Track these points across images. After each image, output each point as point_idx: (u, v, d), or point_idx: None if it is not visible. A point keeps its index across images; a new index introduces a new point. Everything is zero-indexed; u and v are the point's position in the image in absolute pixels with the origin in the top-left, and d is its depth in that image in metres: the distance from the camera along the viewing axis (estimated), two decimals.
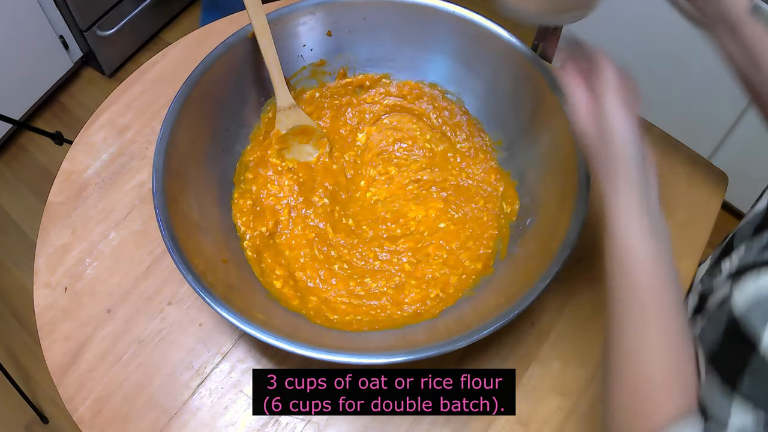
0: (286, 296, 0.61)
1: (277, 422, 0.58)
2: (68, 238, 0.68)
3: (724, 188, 0.72)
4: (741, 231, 0.51)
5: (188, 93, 0.62)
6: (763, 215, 0.49)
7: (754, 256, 0.45)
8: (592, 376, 0.60)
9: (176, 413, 0.59)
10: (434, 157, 0.71)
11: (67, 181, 0.71)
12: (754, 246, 0.46)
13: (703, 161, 0.73)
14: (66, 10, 1.51)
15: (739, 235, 0.52)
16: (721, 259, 0.53)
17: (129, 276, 0.65)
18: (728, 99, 1.18)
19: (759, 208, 0.51)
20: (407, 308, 0.61)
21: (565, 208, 0.57)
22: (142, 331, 0.63)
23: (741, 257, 0.48)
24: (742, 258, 0.48)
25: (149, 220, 0.69)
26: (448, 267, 0.64)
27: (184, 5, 1.83)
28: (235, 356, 0.61)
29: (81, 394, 0.60)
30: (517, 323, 0.62)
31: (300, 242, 0.66)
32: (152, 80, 0.78)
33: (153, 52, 1.69)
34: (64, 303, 0.64)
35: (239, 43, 0.66)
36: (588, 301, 0.64)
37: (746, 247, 0.48)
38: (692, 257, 0.67)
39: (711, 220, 0.69)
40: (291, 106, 0.68)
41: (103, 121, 0.75)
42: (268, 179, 0.68)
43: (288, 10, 0.68)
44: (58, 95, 1.70)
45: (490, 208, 0.67)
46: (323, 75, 0.73)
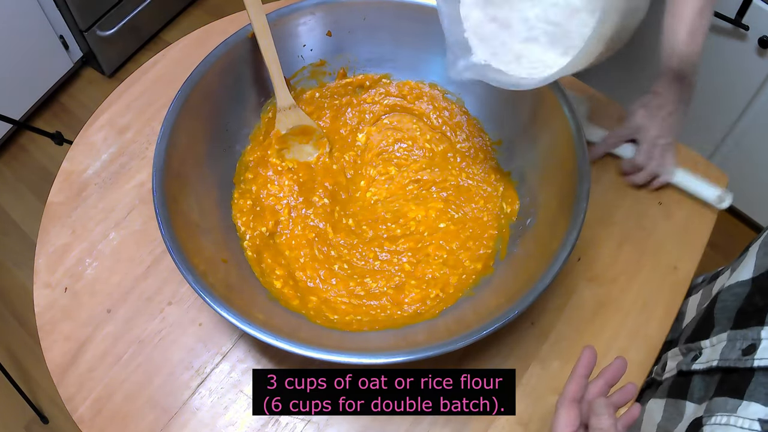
0: (286, 296, 0.61)
1: (277, 422, 0.58)
2: (68, 238, 0.68)
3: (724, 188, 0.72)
4: (725, 300, 0.49)
5: (188, 93, 0.62)
6: (750, 289, 0.46)
7: (734, 361, 0.43)
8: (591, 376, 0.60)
9: (176, 413, 0.59)
10: (434, 157, 0.71)
11: (67, 181, 0.71)
12: (737, 342, 0.44)
13: (703, 161, 0.73)
14: (66, 10, 1.51)
15: (721, 306, 0.49)
16: (703, 330, 0.51)
17: (129, 276, 0.65)
18: (728, 99, 1.18)
19: (742, 276, 0.48)
20: (407, 308, 0.61)
21: (565, 208, 0.57)
22: (142, 331, 0.63)
23: (722, 353, 0.45)
24: (723, 354, 0.45)
25: (149, 220, 0.69)
26: (448, 267, 0.64)
27: (184, 5, 1.84)
28: (235, 356, 0.61)
29: (81, 394, 0.60)
30: (517, 323, 0.62)
31: (300, 242, 0.66)
32: (152, 80, 0.78)
33: (153, 52, 1.69)
34: (64, 303, 0.64)
35: (239, 43, 0.66)
36: (588, 301, 0.64)
37: (729, 341, 0.45)
38: (692, 258, 0.67)
39: (711, 221, 0.70)
40: (291, 106, 0.68)
41: (103, 121, 0.75)
42: (268, 179, 0.68)
43: (288, 10, 0.68)
44: (58, 95, 1.70)
45: (490, 208, 0.67)
46: (323, 75, 0.73)
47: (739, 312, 0.46)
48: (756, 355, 0.40)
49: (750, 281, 0.46)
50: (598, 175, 0.72)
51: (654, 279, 0.66)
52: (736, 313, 0.46)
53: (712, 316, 0.50)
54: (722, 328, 0.47)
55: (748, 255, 0.49)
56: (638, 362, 0.61)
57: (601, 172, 0.72)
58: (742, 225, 1.45)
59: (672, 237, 0.68)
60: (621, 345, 0.62)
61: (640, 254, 0.67)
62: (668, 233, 0.68)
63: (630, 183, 0.70)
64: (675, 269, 0.66)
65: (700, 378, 0.48)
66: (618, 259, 0.67)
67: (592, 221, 0.68)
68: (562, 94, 0.61)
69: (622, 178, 0.71)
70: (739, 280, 0.47)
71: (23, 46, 1.48)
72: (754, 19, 1.02)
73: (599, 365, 0.61)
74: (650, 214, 0.70)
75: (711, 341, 0.48)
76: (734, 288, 0.48)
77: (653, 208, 0.70)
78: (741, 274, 0.48)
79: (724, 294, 0.49)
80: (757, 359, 0.40)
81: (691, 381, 0.49)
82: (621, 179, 0.72)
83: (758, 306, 0.43)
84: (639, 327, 0.63)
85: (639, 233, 0.68)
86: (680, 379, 0.51)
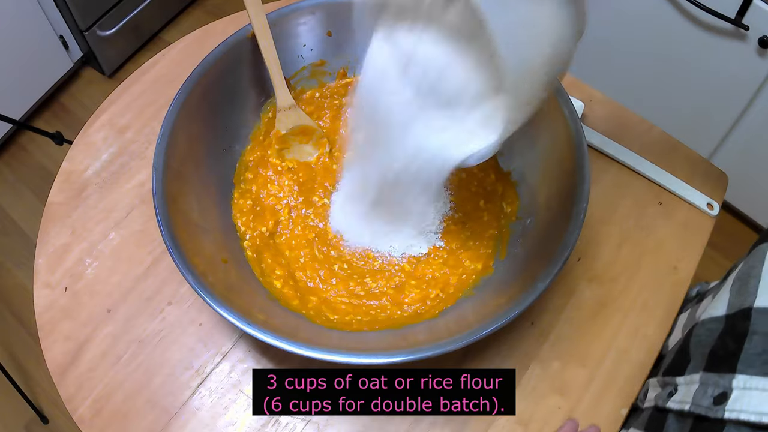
0: (286, 296, 0.61)
1: (277, 422, 0.58)
2: (68, 238, 0.68)
3: (724, 188, 0.72)
4: (699, 335, 0.48)
5: (188, 93, 0.62)
6: (723, 327, 0.45)
7: (706, 409, 0.42)
8: (592, 376, 0.60)
9: (176, 413, 0.59)
10: None
11: (67, 181, 0.71)
12: (709, 388, 0.43)
13: (703, 161, 0.73)
14: (66, 10, 1.51)
15: (696, 341, 0.48)
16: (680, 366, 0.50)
17: (129, 276, 0.65)
18: (728, 99, 1.18)
19: (716, 311, 0.46)
20: (407, 308, 0.61)
21: (565, 208, 0.57)
22: (142, 331, 0.63)
23: (695, 397, 0.44)
24: (695, 398, 0.44)
25: (149, 220, 0.69)
26: (448, 267, 0.64)
27: (184, 5, 1.84)
28: (235, 356, 0.61)
29: (81, 394, 0.60)
30: (517, 323, 0.62)
31: (300, 242, 0.66)
32: (152, 80, 0.78)
33: (153, 52, 1.69)
34: (64, 303, 0.64)
35: (239, 43, 0.66)
36: (588, 301, 0.64)
37: (701, 384, 0.44)
38: (692, 258, 0.67)
39: (711, 221, 0.70)
40: (291, 106, 0.68)
41: (103, 121, 0.75)
42: (268, 179, 0.68)
43: (288, 10, 0.68)
44: (58, 95, 1.70)
45: (490, 208, 0.67)
46: (323, 75, 0.73)
47: (712, 353, 0.45)
48: (727, 405, 0.40)
49: (723, 318, 0.45)
50: (598, 175, 0.72)
51: (654, 279, 0.66)
52: (709, 353, 0.45)
53: (688, 351, 0.49)
54: (696, 366, 0.47)
55: (723, 288, 0.48)
56: (638, 362, 0.61)
57: (601, 172, 0.72)
58: (742, 225, 1.45)
59: (672, 237, 0.68)
60: (621, 345, 0.62)
61: (640, 254, 0.67)
62: (668, 233, 0.69)
63: None
64: (675, 269, 0.66)
65: (674, 418, 0.47)
66: (618, 259, 0.67)
67: (592, 221, 0.68)
68: (562, 95, 0.61)
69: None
70: (713, 315, 0.46)
71: (23, 46, 1.48)
72: (754, 19, 1.02)
73: (600, 365, 0.61)
74: (650, 214, 0.70)
75: (685, 379, 0.48)
76: (708, 323, 0.47)
77: (653, 208, 0.70)
78: (716, 309, 0.47)
79: (699, 329, 0.48)
80: (728, 410, 0.39)
81: (666, 419, 0.48)
82: (621, 179, 0.72)
83: (729, 350, 0.42)
84: (639, 327, 0.63)
85: (639, 233, 0.68)
86: (657, 414, 0.51)
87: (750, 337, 0.40)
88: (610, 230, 0.68)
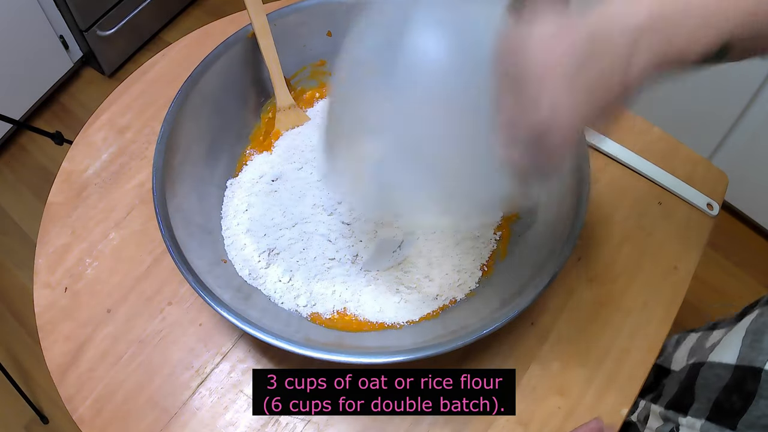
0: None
1: (277, 422, 0.58)
2: (68, 238, 0.68)
3: (724, 188, 0.72)
4: (707, 378, 0.48)
5: (188, 93, 0.62)
6: (730, 377, 0.45)
7: None
8: (592, 376, 0.60)
9: (176, 413, 0.59)
10: None
11: (67, 181, 0.71)
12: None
13: (703, 161, 0.73)
14: (66, 10, 1.51)
15: (702, 383, 0.48)
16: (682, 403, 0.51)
17: (129, 276, 0.65)
18: (728, 99, 1.18)
19: (726, 357, 0.46)
20: None
21: (565, 208, 0.57)
22: (142, 331, 0.63)
23: None
24: None
25: (149, 220, 0.69)
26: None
27: (184, 5, 1.84)
28: (235, 356, 0.61)
29: (81, 394, 0.60)
30: (517, 323, 0.62)
31: None
32: (152, 80, 0.78)
33: (153, 52, 1.69)
34: (64, 303, 0.64)
35: (239, 43, 0.66)
36: (588, 301, 0.64)
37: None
38: (692, 258, 0.67)
39: (711, 221, 0.70)
40: (291, 106, 0.68)
41: (103, 121, 0.75)
42: None
43: (288, 10, 0.68)
44: (58, 95, 1.70)
45: None
46: (323, 75, 0.73)
47: (718, 404, 0.46)
48: None
49: (732, 368, 0.45)
50: (598, 175, 0.72)
51: (654, 279, 0.66)
52: (714, 403, 0.46)
53: (693, 391, 0.50)
54: (700, 410, 0.47)
55: (735, 332, 0.47)
56: (639, 362, 0.61)
57: (601, 173, 0.72)
58: (742, 225, 1.45)
59: (672, 237, 0.68)
60: (621, 345, 0.62)
61: (640, 254, 0.67)
62: (668, 233, 0.68)
63: None
64: (675, 269, 0.66)
65: None
66: (618, 259, 0.67)
67: (592, 221, 0.68)
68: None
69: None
70: (723, 361, 0.47)
71: (23, 46, 1.48)
72: None
73: (600, 365, 0.61)
74: (650, 214, 0.70)
75: (688, 421, 0.49)
76: (717, 368, 0.47)
77: (653, 208, 0.70)
78: (726, 354, 0.47)
79: (707, 371, 0.49)
80: None
81: None
82: (621, 179, 0.72)
83: (735, 408, 0.43)
84: (639, 327, 0.63)
85: (639, 233, 0.68)
86: None
87: (757, 400, 0.41)
88: (610, 230, 0.68)
